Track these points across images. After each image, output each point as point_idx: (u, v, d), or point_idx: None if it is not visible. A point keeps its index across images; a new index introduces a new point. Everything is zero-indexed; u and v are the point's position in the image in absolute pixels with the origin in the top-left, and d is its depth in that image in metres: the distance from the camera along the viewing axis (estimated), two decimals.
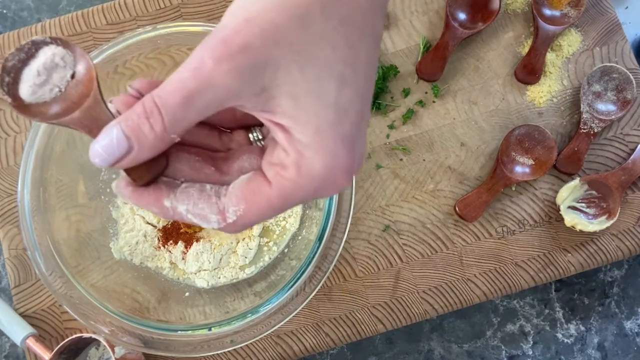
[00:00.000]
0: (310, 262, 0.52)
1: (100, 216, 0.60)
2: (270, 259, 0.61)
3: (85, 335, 0.57)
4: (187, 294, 0.59)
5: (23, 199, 0.51)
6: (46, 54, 0.31)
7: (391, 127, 0.66)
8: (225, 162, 0.33)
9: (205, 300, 0.58)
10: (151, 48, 0.55)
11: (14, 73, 0.31)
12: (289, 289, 0.51)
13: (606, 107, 0.65)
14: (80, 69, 0.32)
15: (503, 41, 0.68)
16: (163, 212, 0.31)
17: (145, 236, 0.59)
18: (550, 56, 0.67)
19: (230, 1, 0.68)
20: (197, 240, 0.59)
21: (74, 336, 0.57)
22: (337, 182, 0.29)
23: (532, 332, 0.67)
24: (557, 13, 0.67)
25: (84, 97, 0.32)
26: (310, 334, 0.61)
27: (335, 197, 0.52)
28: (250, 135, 0.34)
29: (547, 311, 0.68)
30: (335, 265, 0.62)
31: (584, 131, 0.64)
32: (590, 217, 0.63)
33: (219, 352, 0.54)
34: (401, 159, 0.65)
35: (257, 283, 0.59)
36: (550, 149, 0.64)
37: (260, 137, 0.34)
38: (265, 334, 0.51)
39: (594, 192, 0.63)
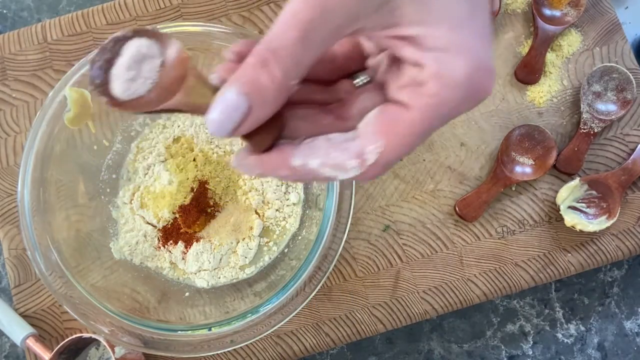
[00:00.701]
0: (310, 262, 0.52)
1: (100, 216, 0.60)
2: (270, 259, 0.61)
3: (85, 335, 0.57)
4: (187, 294, 0.59)
5: (23, 199, 0.51)
6: (131, 48, 0.30)
7: None
8: (341, 108, 0.30)
9: (205, 300, 0.58)
10: None
11: (103, 73, 0.30)
12: (289, 289, 0.51)
13: (606, 107, 0.65)
14: (170, 53, 0.31)
15: (503, 41, 0.68)
16: (292, 173, 0.29)
17: (145, 236, 0.59)
18: (550, 56, 0.67)
19: (231, 1, 0.68)
20: (197, 240, 0.59)
21: (74, 336, 0.57)
22: (482, 87, 0.26)
23: (532, 332, 0.67)
24: (557, 13, 0.67)
25: (180, 80, 0.30)
26: (310, 334, 0.61)
27: (336, 197, 0.52)
28: (355, 81, 0.32)
29: (547, 311, 0.68)
30: (335, 265, 0.62)
31: (584, 131, 0.64)
32: (590, 217, 0.63)
33: (219, 352, 0.54)
34: (401, 159, 0.65)
35: (257, 283, 0.59)
36: (550, 149, 0.64)
37: (366, 80, 0.32)
38: (265, 334, 0.51)
39: (594, 192, 0.63)
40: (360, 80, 0.32)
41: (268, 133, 0.29)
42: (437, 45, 0.25)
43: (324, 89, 0.32)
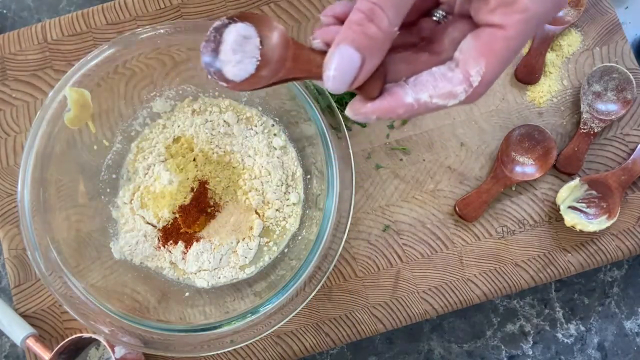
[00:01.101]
0: (310, 262, 0.52)
1: (100, 216, 0.60)
2: (270, 259, 0.61)
3: (85, 335, 0.57)
4: (187, 294, 0.59)
5: (23, 199, 0.51)
6: (231, 34, 0.33)
7: (391, 127, 0.66)
8: (432, 44, 0.33)
9: (205, 300, 0.58)
10: (151, 48, 0.55)
11: (214, 62, 0.33)
12: (289, 289, 0.51)
13: (606, 107, 0.65)
14: (266, 31, 0.33)
15: None
16: (408, 109, 0.31)
17: (145, 236, 0.59)
18: (550, 56, 0.67)
19: (231, 1, 0.68)
20: (197, 240, 0.59)
21: (74, 336, 0.57)
22: None
23: (532, 332, 0.67)
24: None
25: (283, 51, 0.33)
26: (310, 334, 0.61)
27: (336, 197, 0.52)
28: (435, 18, 0.35)
29: (547, 311, 0.68)
30: (335, 265, 0.62)
31: (584, 131, 0.64)
32: (590, 217, 0.63)
33: (219, 352, 0.54)
34: (401, 159, 0.65)
35: (257, 283, 0.59)
36: (550, 149, 0.64)
37: (443, 14, 0.34)
38: (265, 334, 0.51)
39: (594, 192, 0.63)
40: (439, 15, 0.35)
41: (377, 80, 0.32)
42: None
43: (409, 32, 0.34)
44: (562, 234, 0.64)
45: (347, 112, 0.34)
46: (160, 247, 0.59)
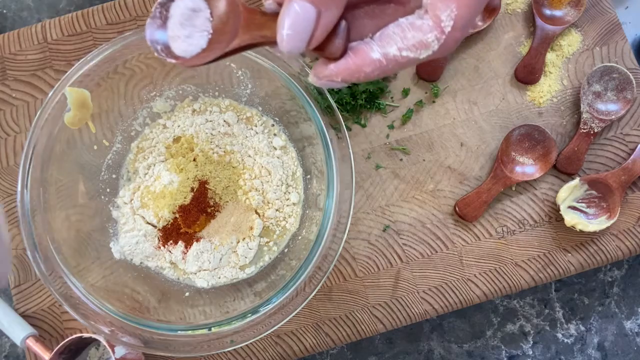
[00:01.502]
0: (310, 262, 0.52)
1: (100, 216, 0.60)
2: (270, 259, 0.61)
3: (85, 335, 0.57)
4: (187, 294, 0.59)
5: (23, 199, 0.51)
6: (179, 8, 0.31)
7: (391, 127, 0.66)
8: None
9: (205, 300, 0.58)
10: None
11: (161, 37, 0.31)
12: (289, 289, 0.51)
13: (606, 107, 0.65)
14: (215, 1, 0.31)
15: (503, 41, 0.68)
16: (376, 66, 0.29)
17: (145, 236, 0.59)
18: (550, 56, 0.67)
19: None
20: (197, 240, 0.59)
21: (74, 336, 0.57)
22: None
23: (532, 332, 0.67)
24: (557, 13, 0.67)
25: (236, 19, 0.31)
26: (310, 334, 0.61)
27: (336, 197, 0.52)
28: None
29: (547, 311, 0.68)
30: (335, 265, 0.62)
31: (584, 131, 0.64)
32: (590, 217, 0.63)
33: (219, 352, 0.54)
34: (401, 159, 0.65)
35: (257, 283, 0.59)
36: (550, 149, 0.64)
37: None
38: (265, 334, 0.51)
39: (594, 192, 0.63)
40: None
41: (338, 37, 0.29)
42: None
43: None
44: (562, 234, 0.64)
45: (310, 78, 0.31)
46: (160, 247, 0.59)
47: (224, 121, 0.62)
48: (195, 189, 0.60)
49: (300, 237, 0.60)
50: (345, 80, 0.30)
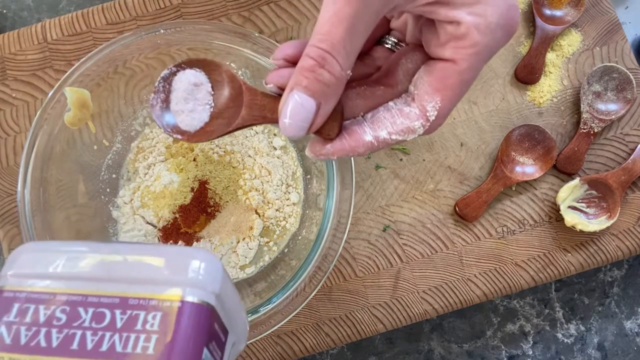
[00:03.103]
0: (310, 262, 0.52)
1: (100, 216, 0.60)
2: (270, 259, 0.61)
3: None
4: None
5: (23, 199, 0.51)
6: (181, 82, 0.32)
7: None
8: (386, 76, 0.33)
9: None
10: (151, 48, 0.55)
11: (165, 113, 0.32)
12: (289, 289, 0.51)
13: (606, 107, 0.65)
14: (216, 76, 0.33)
15: None
16: (368, 147, 0.32)
17: (145, 236, 0.59)
18: (550, 56, 0.67)
19: (231, 1, 0.68)
20: (197, 240, 0.59)
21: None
22: (514, 22, 0.29)
23: (532, 332, 0.67)
24: (557, 13, 0.67)
25: (238, 96, 0.32)
26: (310, 334, 0.61)
27: (336, 197, 0.52)
28: (387, 45, 0.34)
29: (547, 311, 0.68)
30: (335, 265, 0.62)
31: (584, 131, 0.64)
32: (590, 217, 0.63)
33: None
34: (401, 159, 0.65)
35: (257, 283, 0.59)
36: (550, 149, 0.64)
37: (395, 41, 0.34)
38: (265, 334, 0.51)
39: (594, 192, 0.63)
40: (390, 42, 0.34)
41: (334, 121, 0.31)
42: (467, 1, 0.28)
43: (363, 62, 0.34)
44: (562, 234, 0.64)
45: (307, 153, 0.33)
46: None
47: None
48: (195, 189, 0.60)
49: (300, 237, 0.60)
50: (341, 156, 0.32)
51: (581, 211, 0.63)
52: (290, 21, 0.67)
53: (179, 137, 0.33)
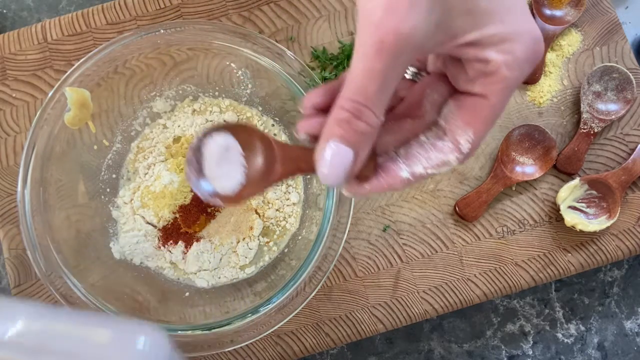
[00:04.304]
0: (310, 262, 0.52)
1: (100, 216, 0.60)
2: (270, 259, 0.61)
3: None
4: (187, 294, 0.59)
5: (23, 199, 0.51)
6: (211, 149, 0.33)
7: None
8: (412, 108, 0.34)
9: (205, 300, 0.58)
10: (151, 48, 0.55)
11: (202, 181, 0.33)
12: (289, 289, 0.51)
13: (606, 107, 0.65)
14: (245, 137, 0.33)
15: None
16: (405, 183, 0.32)
17: (145, 236, 0.59)
18: (550, 56, 0.67)
19: (230, 1, 0.68)
20: (198, 240, 0.59)
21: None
22: (539, 53, 0.30)
23: (532, 332, 0.67)
24: (557, 13, 0.67)
25: (270, 153, 0.33)
26: (310, 334, 0.61)
27: (335, 197, 0.52)
28: (407, 76, 0.35)
29: (547, 311, 0.68)
30: (335, 265, 0.62)
31: (584, 131, 0.64)
32: (590, 217, 0.63)
33: (219, 352, 0.54)
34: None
35: (257, 283, 0.59)
36: (550, 148, 0.64)
37: (416, 71, 0.35)
38: (265, 334, 0.51)
39: (594, 192, 0.63)
40: (411, 73, 0.35)
41: (369, 162, 0.32)
42: (495, 41, 0.29)
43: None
44: (562, 234, 0.64)
45: (345, 192, 0.34)
46: (160, 247, 0.59)
47: (224, 121, 0.62)
48: None
49: (300, 237, 0.60)
50: (378, 193, 0.33)
51: (581, 211, 0.63)
52: (290, 21, 0.67)
53: (219, 202, 0.33)
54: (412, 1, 0.27)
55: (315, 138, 0.31)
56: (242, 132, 0.33)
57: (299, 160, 0.33)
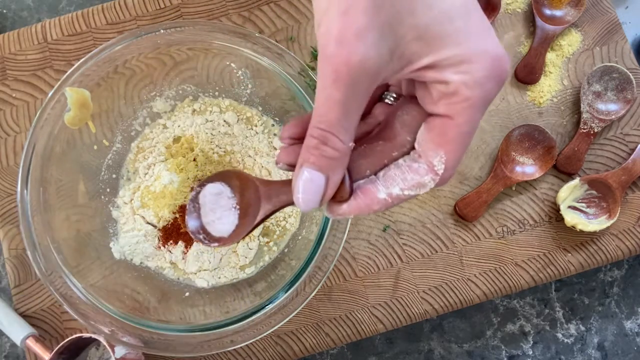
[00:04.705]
0: (310, 262, 0.52)
1: (100, 216, 0.60)
2: (270, 259, 0.61)
3: (85, 335, 0.57)
4: (187, 294, 0.59)
5: (23, 199, 0.51)
6: (205, 196, 0.37)
7: None
8: (384, 130, 0.35)
9: (205, 300, 0.58)
10: (151, 48, 0.55)
11: (199, 227, 0.37)
12: (289, 289, 0.51)
13: (606, 106, 0.65)
14: (233, 182, 0.36)
15: (503, 41, 0.68)
16: (383, 205, 0.33)
17: (145, 236, 0.59)
18: (550, 56, 0.67)
19: (230, 1, 0.68)
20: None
21: (73, 336, 0.57)
22: (503, 72, 0.30)
23: (532, 332, 0.67)
24: (557, 13, 0.67)
25: (255, 192, 0.36)
26: (310, 334, 0.61)
27: None
28: (387, 102, 0.36)
29: (547, 311, 0.68)
30: (335, 265, 0.62)
31: (584, 131, 0.64)
32: (590, 217, 0.63)
33: (219, 352, 0.54)
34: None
35: (257, 283, 0.59)
36: (550, 148, 0.64)
37: (395, 96, 0.36)
38: (265, 334, 0.51)
39: (594, 192, 0.63)
40: (390, 97, 0.36)
41: (343, 185, 0.33)
42: (452, 62, 0.29)
43: (364, 122, 0.36)
44: (562, 234, 0.64)
45: (326, 213, 0.35)
46: (160, 247, 0.59)
47: (224, 121, 0.62)
48: None
49: (300, 237, 0.60)
50: (360, 215, 0.34)
51: (581, 211, 0.63)
52: (290, 21, 0.67)
53: (216, 244, 0.37)
54: (359, 33, 0.28)
55: (293, 167, 0.33)
56: (229, 178, 0.36)
57: (280, 193, 0.35)
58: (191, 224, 0.37)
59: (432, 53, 0.29)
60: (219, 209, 0.36)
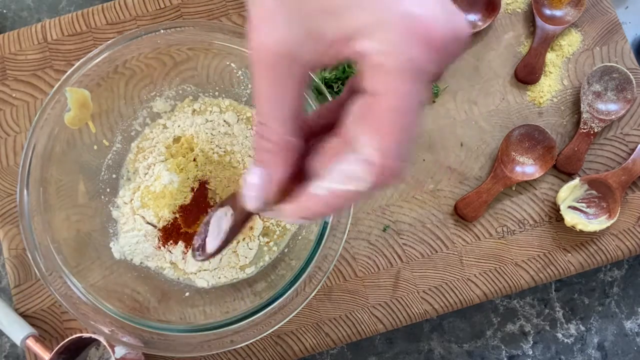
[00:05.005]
0: (310, 262, 0.52)
1: (100, 216, 0.60)
2: (270, 259, 0.61)
3: (85, 335, 0.57)
4: (187, 294, 0.59)
5: (23, 199, 0.51)
6: (213, 220, 0.40)
7: None
8: (338, 126, 0.31)
9: (205, 300, 0.58)
10: (151, 48, 0.55)
11: (202, 247, 0.41)
12: (289, 289, 0.51)
13: (606, 106, 0.65)
14: (235, 203, 0.39)
15: (503, 41, 0.68)
16: (322, 202, 0.29)
17: (145, 236, 0.59)
18: (550, 56, 0.67)
19: (230, 1, 0.68)
20: None
21: (73, 336, 0.57)
22: (426, 28, 0.26)
23: (532, 332, 0.67)
24: (557, 13, 0.67)
25: (242, 211, 0.38)
26: (310, 334, 0.61)
27: None
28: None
29: (547, 311, 0.68)
30: (335, 265, 0.62)
31: (584, 131, 0.64)
32: (590, 217, 0.63)
33: (219, 352, 0.54)
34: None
35: (257, 283, 0.59)
36: (550, 148, 0.64)
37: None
38: (265, 334, 0.51)
39: (594, 192, 0.63)
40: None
41: (291, 184, 0.32)
42: (364, 32, 0.26)
43: (327, 122, 0.33)
44: (562, 234, 0.64)
45: (269, 214, 0.34)
46: (160, 247, 0.59)
47: (224, 121, 0.62)
48: (195, 189, 0.60)
49: (300, 237, 0.60)
50: (304, 218, 0.31)
51: (581, 211, 0.63)
52: None
53: (203, 258, 0.42)
54: (268, 17, 0.27)
55: None
56: (235, 198, 0.39)
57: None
58: (196, 243, 0.41)
59: (338, 24, 0.26)
60: (216, 229, 0.40)
